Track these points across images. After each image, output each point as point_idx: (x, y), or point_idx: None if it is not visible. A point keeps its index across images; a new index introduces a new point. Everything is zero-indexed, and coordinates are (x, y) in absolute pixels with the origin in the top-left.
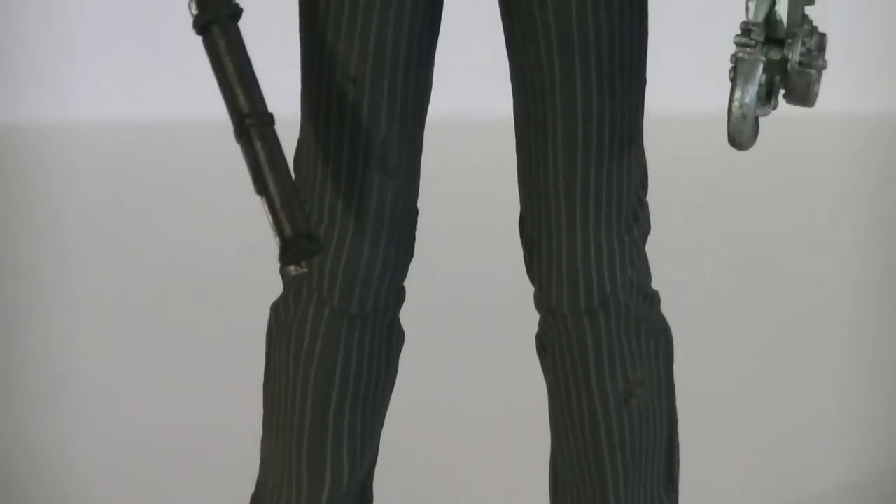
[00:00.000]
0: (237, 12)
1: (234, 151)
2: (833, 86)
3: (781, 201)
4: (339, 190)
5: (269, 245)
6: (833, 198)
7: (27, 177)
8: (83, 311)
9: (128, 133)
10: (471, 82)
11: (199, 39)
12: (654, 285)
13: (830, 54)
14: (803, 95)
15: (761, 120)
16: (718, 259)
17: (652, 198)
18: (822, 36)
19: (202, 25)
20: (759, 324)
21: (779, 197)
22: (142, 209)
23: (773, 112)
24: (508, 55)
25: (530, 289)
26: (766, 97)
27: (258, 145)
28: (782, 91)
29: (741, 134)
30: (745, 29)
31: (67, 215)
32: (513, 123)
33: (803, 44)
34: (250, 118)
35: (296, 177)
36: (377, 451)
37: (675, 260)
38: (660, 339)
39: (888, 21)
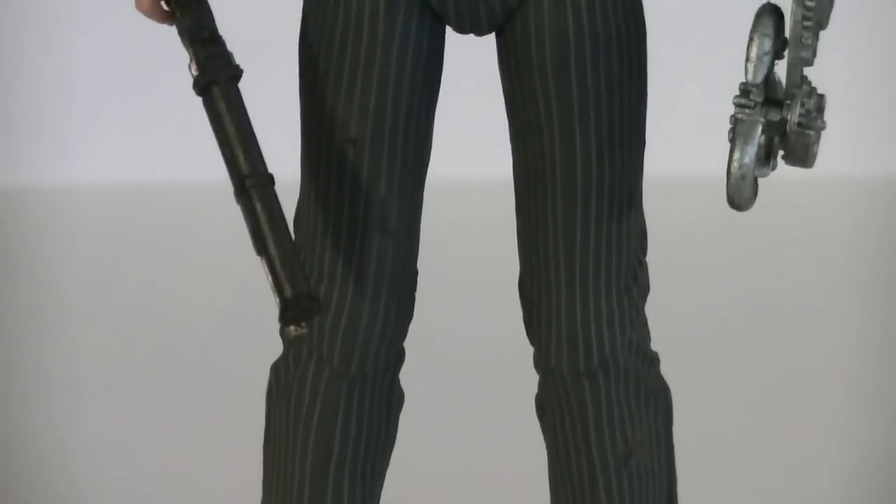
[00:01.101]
0: (237, 73)
1: (234, 213)
2: (832, 147)
3: (780, 262)
4: (339, 250)
5: (269, 305)
6: (832, 259)
7: (27, 240)
8: (84, 373)
9: (127, 195)
10: (471, 143)
11: (198, 101)
12: (654, 346)
13: (829, 115)
14: (802, 156)
15: (760, 181)
16: (717, 320)
17: (651, 259)
18: (821, 97)
19: (202, 86)
20: (758, 385)
21: (778, 258)
22: (142, 271)
23: (772, 173)
24: (508, 116)
25: (530, 349)
26: (765, 158)
27: (258, 206)
28: (781, 152)
29: (740, 195)
30: (744, 90)
31: (67, 277)
32: (513, 184)
33: (802, 105)
34: (250, 179)
35: (296, 237)
36: None
37: (675, 321)
38: (659, 400)
39: (888, 82)
